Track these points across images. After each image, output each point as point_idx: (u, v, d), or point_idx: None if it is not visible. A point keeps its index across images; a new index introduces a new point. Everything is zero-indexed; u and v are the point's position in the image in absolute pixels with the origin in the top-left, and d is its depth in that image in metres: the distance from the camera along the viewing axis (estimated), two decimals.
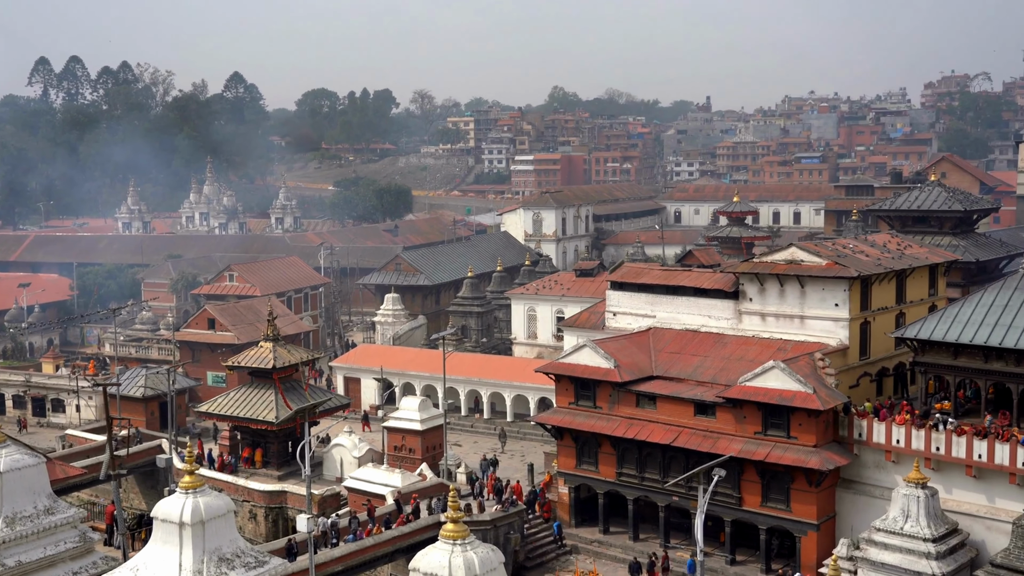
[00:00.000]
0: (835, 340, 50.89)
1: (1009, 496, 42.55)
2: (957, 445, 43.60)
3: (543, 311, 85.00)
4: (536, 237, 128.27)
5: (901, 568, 40.98)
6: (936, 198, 72.54)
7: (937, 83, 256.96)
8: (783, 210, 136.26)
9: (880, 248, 55.85)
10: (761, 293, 53.41)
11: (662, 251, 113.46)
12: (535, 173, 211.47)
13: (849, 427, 46.87)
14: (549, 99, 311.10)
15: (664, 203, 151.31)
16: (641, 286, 58.65)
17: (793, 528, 47.14)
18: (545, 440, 64.14)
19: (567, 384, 54.00)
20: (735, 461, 46.62)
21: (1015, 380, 44.10)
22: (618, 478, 52.41)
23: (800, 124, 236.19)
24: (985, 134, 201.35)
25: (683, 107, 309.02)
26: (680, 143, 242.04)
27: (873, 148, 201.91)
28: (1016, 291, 45.55)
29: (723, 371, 50.65)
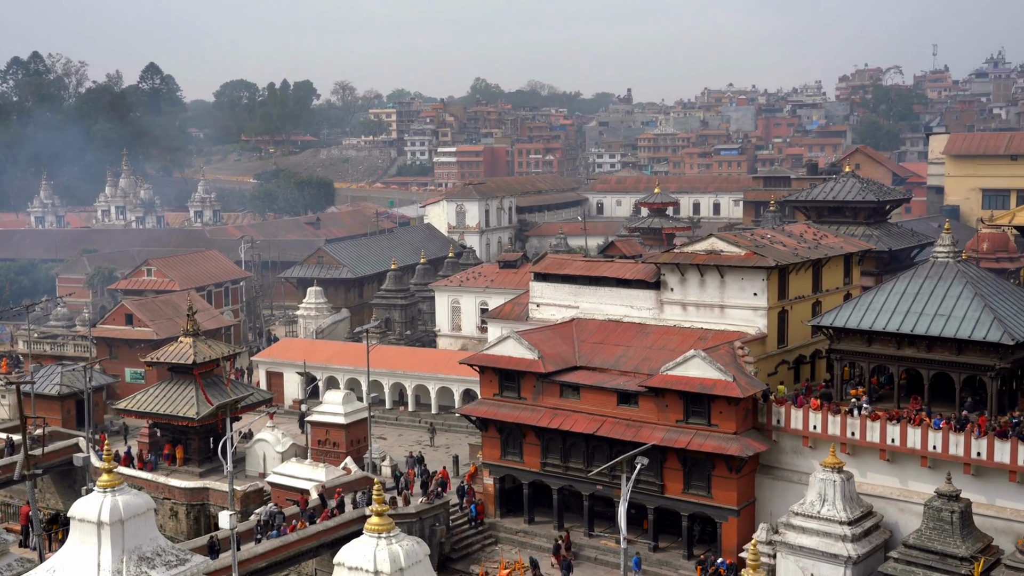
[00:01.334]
0: (754, 329, 51.81)
1: (921, 479, 43.79)
2: (871, 430, 44.74)
3: (467, 303, 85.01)
4: (459, 229, 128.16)
5: (818, 551, 41.96)
6: (850, 189, 74.22)
7: (851, 76, 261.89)
8: (703, 201, 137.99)
9: (797, 238, 56.94)
10: (682, 283, 54.12)
11: (585, 242, 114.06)
12: (458, 165, 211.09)
13: (768, 414, 47.79)
14: (471, 91, 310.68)
15: (586, 195, 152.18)
16: (564, 277, 59.01)
17: (714, 514, 47.94)
18: (470, 432, 64.27)
19: (491, 376, 54.15)
20: (657, 449, 47.23)
21: (926, 366, 45.37)
22: (543, 468, 52.76)
23: (719, 116, 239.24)
24: (897, 126, 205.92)
25: (605, 99, 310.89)
26: (602, 135, 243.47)
27: (790, 140, 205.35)
28: (927, 279, 46.81)
29: (645, 360, 51.24)
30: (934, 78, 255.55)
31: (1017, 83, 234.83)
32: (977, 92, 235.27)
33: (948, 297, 45.21)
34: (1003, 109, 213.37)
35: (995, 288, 46.80)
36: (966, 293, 44.93)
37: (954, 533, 40.14)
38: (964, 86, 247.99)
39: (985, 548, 40.31)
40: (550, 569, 48.96)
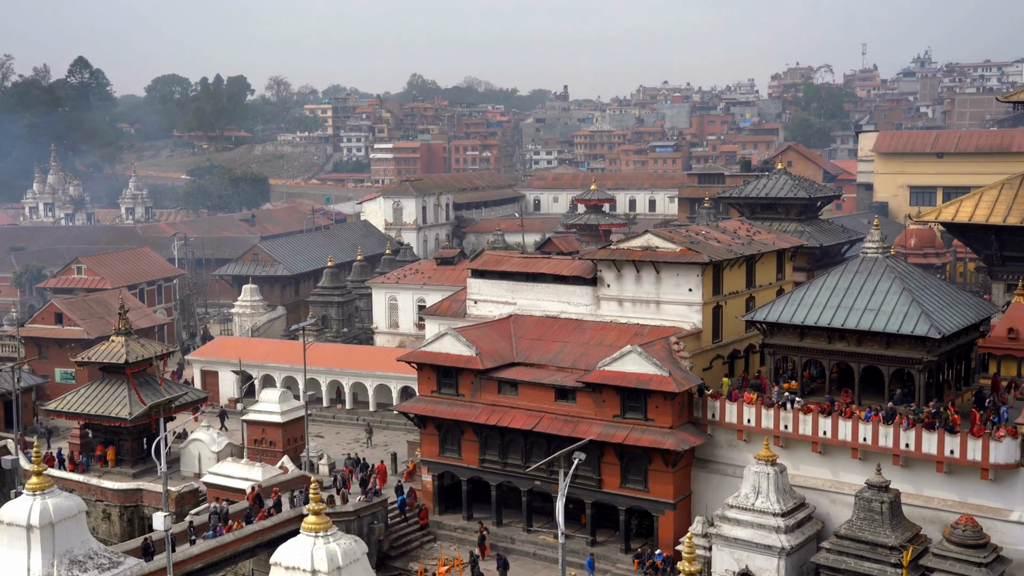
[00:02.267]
0: (689, 324, 52.38)
1: (852, 470, 44.64)
2: (804, 423, 45.50)
3: (404, 300, 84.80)
4: (397, 226, 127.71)
5: (753, 543, 42.60)
6: (783, 186, 75.37)
7: (783, 75, 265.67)
8: (639, 198, 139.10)
9: (731, 234, 57.68)
10: (618, 279, 54.53)
11: (522, 239, 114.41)
12: (395, 161, 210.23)
13: (703, 408, 48.37)
14: (408, 87, 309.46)
15: (523, 191, 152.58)
16: (502, 274, 59.14)
17: (651, 508, 48.42)
18: (408, 429, 64.12)
19: (429, 372, 54.11)
20: (595, 444, 47.56)
21: (856, 359, 46.25)
22: (481, 464, 52.84)
23: (654, 113, 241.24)
24: (828, 124, 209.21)
25: (541, 96, 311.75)
26: (538, 132, 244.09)
27: (724, 137, 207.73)
28: (857, 275, 47.71)
29: (582, 356, 51.57)
30: (863, 77, 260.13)
31: (943, 83, 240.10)
32: (905, 91, 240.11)
33: (877, 292, 46.13)
34: (930, 108, 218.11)
35: (922, 283, 47.88)
36: (895, 288, 45.89)
37: (884, 523, 41.02)
38: (892, 85, 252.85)
39: (914, 537, 41.27)
40: (486, 563, 49.04)
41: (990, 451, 40.97)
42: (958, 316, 45.90)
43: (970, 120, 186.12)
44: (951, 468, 42.32)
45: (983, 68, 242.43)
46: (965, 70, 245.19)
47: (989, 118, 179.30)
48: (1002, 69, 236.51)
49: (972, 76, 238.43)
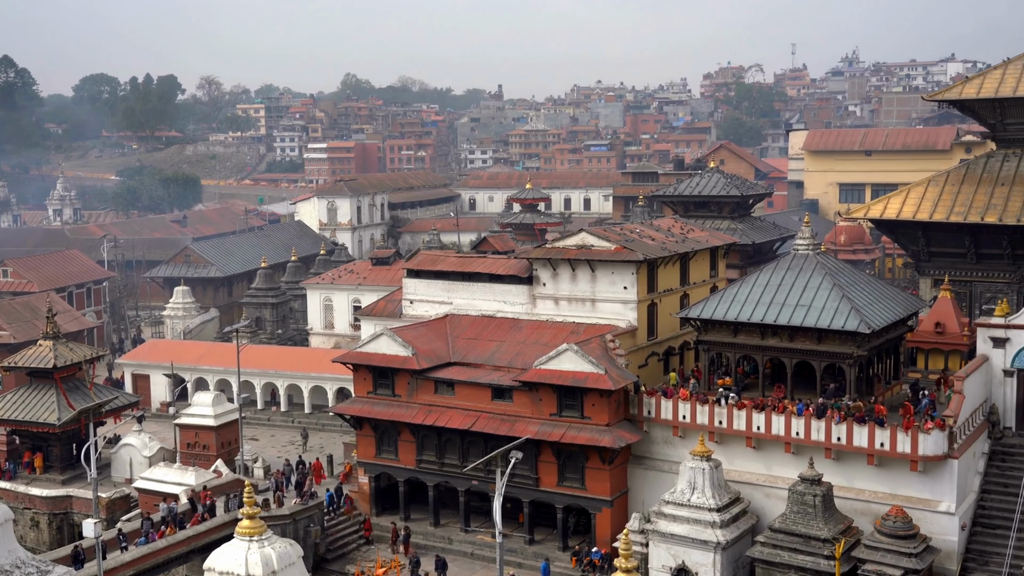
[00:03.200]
0: (624, 322, 52.68)
1: (785, 464, 45.22)
2: (738, 418, 46.00)
3: (339, 301, 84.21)
4: (331, 226, 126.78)
5: (689, 538, 42.95)
6: (715, 184, 76.19)
7: (715, 74, 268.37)
8: (574, 196, 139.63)
9: (665, 232, 58.13)
10: (554, 278, 54.66)
11: (457, 238, 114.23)
12: (329, 161, 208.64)
13: (639, 405, 48.67)
14: (342, 86, 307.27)
15: (459, 190, 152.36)
16: (437, 273, 58.97)
17: (588, 505, 48.60)
18: (344, 430, 63.69)
19: (365, 373, 53.76)
20: (532, 443, 47.64)
21: (789, 355, 46.88)
22: (418, 465, 52.63)
23: (588, 113, 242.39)
24: (759, 123, 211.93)
25: (476, 95, 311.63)
26: (473, 131, 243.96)
27: (657, 136, 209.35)
28: (788, 271, 48.36)
29: (519, 355, 51.60)
30: (793, 76, 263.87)
31: (871, 82, 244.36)
32: (834, 90, 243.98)
33: (808, 288, 46.80)
34: (858, 107, 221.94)
35: (852, 279, 48.70)
36: (825, 284, 46.59)
37: (817, 516, 41.62)
38: (821, 84, 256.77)
39: (846, 529, 41.94)
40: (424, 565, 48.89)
41: (919, 443, 41.77)
42: (887, 311, 46.76)
43: (897, 118, 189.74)
44: (882, 461, 43.08)
45: (909, 68, 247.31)
46: (892, 69, 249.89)
47: (915, 116, 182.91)
48: (927, 69, 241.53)
49: (898, 75, 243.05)
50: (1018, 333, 46.43)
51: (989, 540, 43.06)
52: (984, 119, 60.44)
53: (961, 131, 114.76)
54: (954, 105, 61.89)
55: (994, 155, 59.57)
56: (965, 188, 57.63)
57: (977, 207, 55.93)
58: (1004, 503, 44.19)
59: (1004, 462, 45.92)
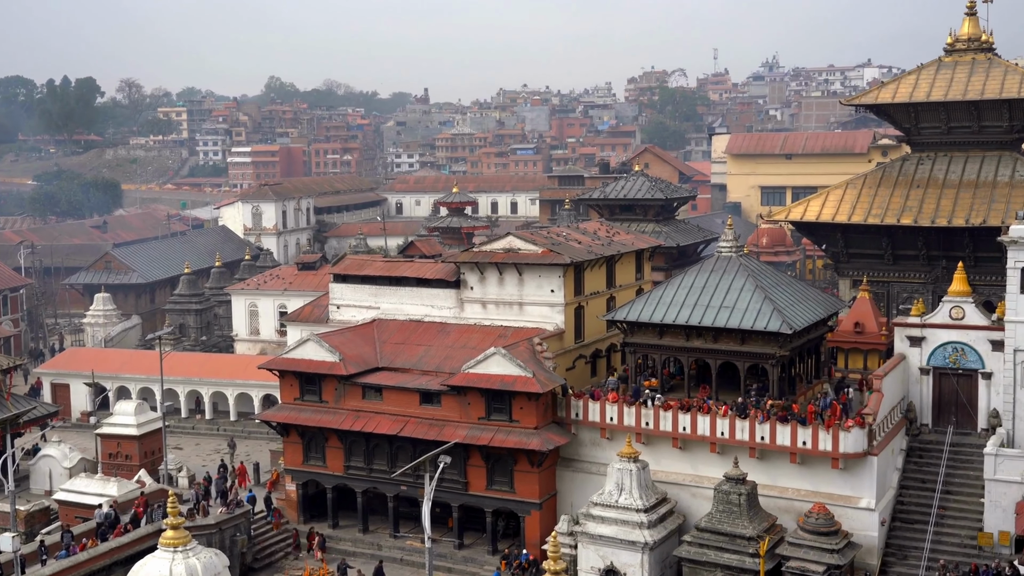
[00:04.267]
0: (552, 325, 52.94)
1: (710, 464, 45.84)
2: (664, 419, 46.51)
3: (265, 306, 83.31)
4: (256, 231, 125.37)
5: (617, 539, 43.30)
6: (640, 187, 76.97)
7: (639, 78, 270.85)
8: (501, 200, 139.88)
9: (591, 235, 58.56)
10: (481, 282, 54.74)
11: (384, 242, 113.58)
12: (253, 165, 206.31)
13: (567, 408, 48.94)
14: (266, 89, 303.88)
15: (385, 195, 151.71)
16: (364, 278, 58.69)
17: (517, 508, 48.74)
18: (271, 438, 63.07)
19: (292, 379, 53.28)
20: (461, 447, 47.65)
21: (713, 356, 47.54)
22: (346, 471, 52.31)
23: (515, 116, 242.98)
24: (682, 127, 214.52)
25: (402, 99, 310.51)
26: (400, 135, 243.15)
27: (583, 140, 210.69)
28: (712, 273, 49.04)
29: (447, 359, 51.56)
30: (715, 81, 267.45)
31: (790, 86, 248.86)
32: (755, 94, 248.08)
33: (732, 290, 47.50)
34: (778, 111, 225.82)
35: (774, 280, 49.57)
36: (748, 286, 47.33)
37: (742, 514, 42.27)
38: (743, 88, 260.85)
39: (770, 527, 42.66)
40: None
41: (840, 441, 42.66)
42: (808, 312, 47.67)
43: (816, 122, 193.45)
44: (804, 459, 43.89)
45: (827, 73, 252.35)
46: (811, 74, 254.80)
47: (834, 120, 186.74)
48: (845, 74, 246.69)
49: (817, 80, 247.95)
50: (933, 332, 47.71)
51: (908, 534, 44.17)
52: (899, 123, 61.99)
53: (878, 135, 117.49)
54: (871, 109, 63.41)
55: (909, 158, 61.11)
56: (882, 191, 59.03)
57: (893, 209, 57.32)
58: (922, 498, 45.36)
59: (921, 458, 47.15)
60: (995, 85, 57.04)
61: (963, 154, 58.90)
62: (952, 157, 59.06)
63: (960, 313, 47.20)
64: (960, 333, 47.20)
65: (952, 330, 47.36)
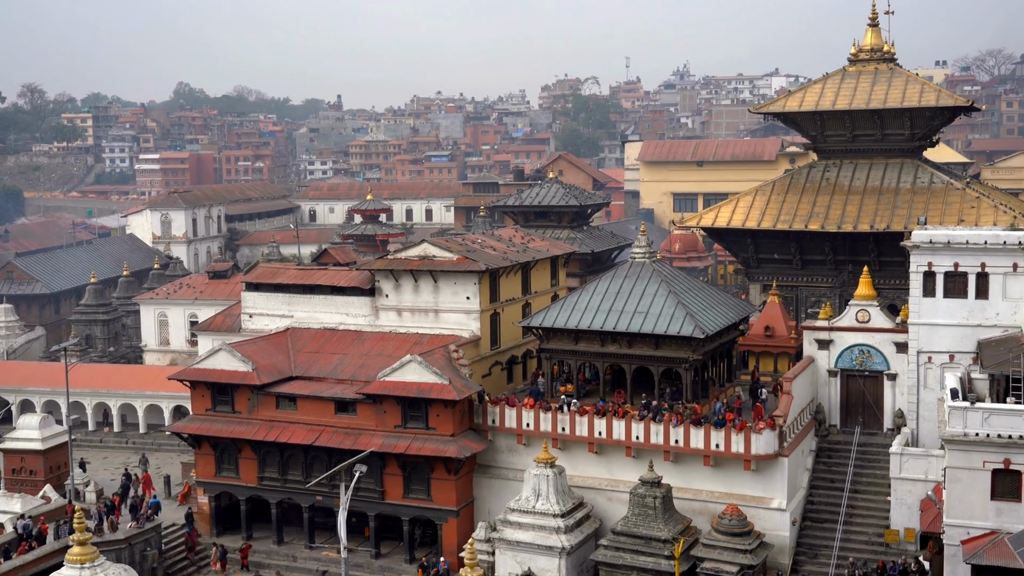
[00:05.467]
0: (468, 332, 52.91)
1: (626, 468, 46.24)
2: (580, 425, 46.79)
3: (175, 316, 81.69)
4: (165, 239, 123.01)
5: (534, 544, 43.41)
6: (555, 194, 77.39)
7: (552, 86, 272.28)
8: (415, 207, 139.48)
9: (506, 242, 58.71)
10: (397, 289, 54.47)
11: (298, 250, 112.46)
12: (162, 172, 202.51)
13: (483, 414, 48.94)
14: (175, 95, 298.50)
15: (298, 202, 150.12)
16: (277, 286, 57.99)
17: (434, 516, 48.55)
18: (182, 450, 61.93)
19: (203, 390, 52.36)
20: (377, 456, 47.34)
21: (628, 360, 47.99)
22: (260, 483, 51.55)
23: (429, 123, 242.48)
24: (596, 134, 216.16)
25: (315, 105, 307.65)
26: (313, 142, 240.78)
27: (497, 147, 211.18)
28: (626, 279, 49.53)
29: (362, 368, 51.19)
30: (628, 89, 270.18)
31: (701, 95, 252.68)
32: (666, 102, 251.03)
33: (646, 295, 48.03)
34: (689, 119, 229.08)
35: (687, 285, 50.26)
36: (661, 291, 47.91)
37: (657, 517, 42.71)
38: (654, 97, 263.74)
39: (685, 529, 43.18)
40: None
41: (752, 443, 43.38)
42: (720, 316, 48.43)
43: (726, 130, 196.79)
44: (717, 461, 44.55)
45: (737, 81, 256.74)
46: (720, 83, 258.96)
47: (743, 128, 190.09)
48: (753, 82, 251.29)
49: (727, 89, 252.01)
50: (841, 335, 48.85)
51: (818, 533, 45.10)
52: (806, 131, 63.39)
53: (786, 142, 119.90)
54: (778, 118, 64.77)
55: (816, 165, 62.51)
56: (790, 197, 60.27)
57: (801, 215, 58.55)
58: (831, 497, 46.37)
59: (830, 458, 48.20)
60: (897, 94, 58.69)
61: (867, 161, 60.46)
62: (857, 164, 60.58)
63: (866, 316, 48.39)
64: (866, 336, 48.41)
65: (858, 333, 48.53)
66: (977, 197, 56.14)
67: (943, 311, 45.03)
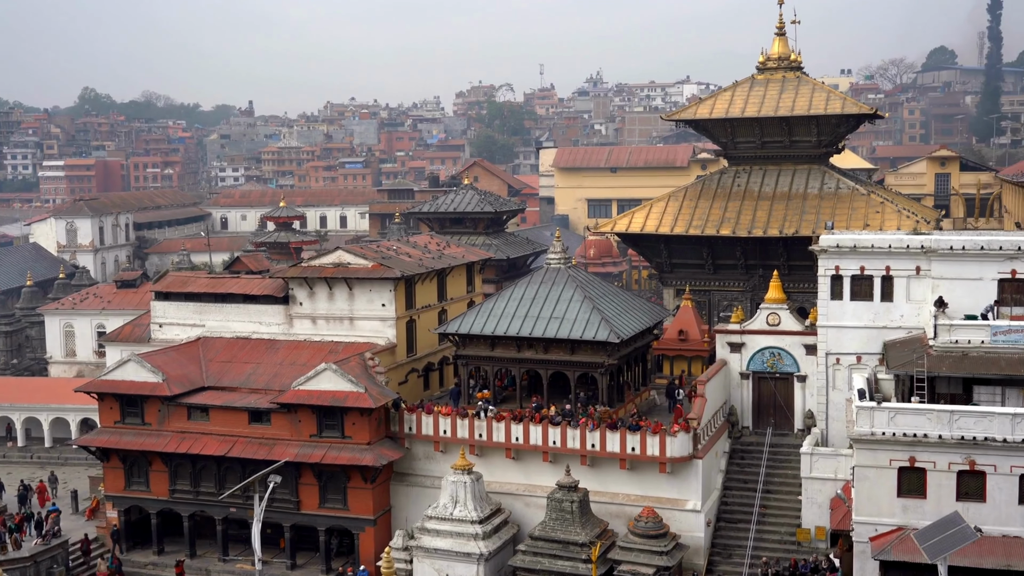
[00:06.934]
0: (384, 339, 52.59)
1: (543, 473, 46.40)
2: (497, 430, 46.83)
3: (82, 326, 79.73)
4: (71, 248, 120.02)
5: (452, 551, 43.30)
6: (470, 200, 77.44)
7: (467, 92, 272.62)
8: (330, 214, 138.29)
9: (422, 249, 58.54)
10: (311, 297, 53.92)
11: (209, 258, 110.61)
12: (67, 180, 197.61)
13: (400, 422, 48.69)
14: (80, 101, 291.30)
15: (210, 209, 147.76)
16: (188, 295, 57.02)
17: (351, 525, 48.13)
18: (90, 463, 60.48)
19: (112, 402, 51.19)
20: (292, 466, 46.76)
21: (544, 366, 48.22)
22: (172, 495, 50.55)
23: (343, 130, 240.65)
24: (511, 141, 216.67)
25: (225, 111, 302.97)
26: (224, 148, 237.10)
27: (412, 153, 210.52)
28: (542, 285, 49.77)
29: (276, 377, 50.56)
30: (542, 95, 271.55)
31: (614, 102, 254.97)
32: (580, 109, 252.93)
33: (561, 301, 48.31)
34: (603, 125, 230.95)
35: (602, 291, 50.68)
36: (577, 296, 48.23)
37: (574, 521, 42.92)
38: (568, 103, 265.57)
39: (602, 533, 43.47)
40: None
41: (667, 446, 43.87)
42: (634, 321, 48.92)
43: (639, 137, 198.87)
44: (633, 464, 44.95)
45: (649, 88, 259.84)
46: (633, 90, 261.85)
47: (656, 135, 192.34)
48: (665, 90, 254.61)
49: (639, 96, 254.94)
50: (752, 338, 49.67)
51: (732, 534, 45.76)
52: (717, 138, 64.42)
53: (697, 149, 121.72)
54: (690, 125, 65.61)
55: (727, 171, 63.54)
56: (702, 203, 61.14)
57: (713, 221, 59.45)
58: (744, 498, 47.09)
59: (743, 459, 48.97)
60: (804, 102, 59.97)
61: (776, 167, 61.63)
62: (766, 170, 61.71)
63: (776, 319, 49.31)
64: (776, 339, 49.31)
65: (769, 336, 49.41)
66: (882, 202, 57.62)
67: (850, 314, 46.08)
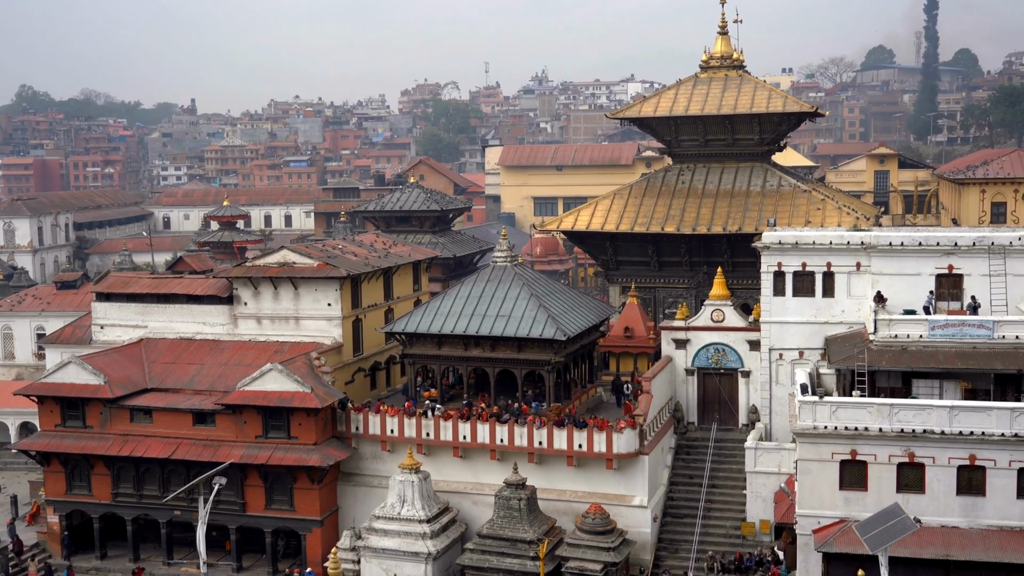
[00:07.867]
0: (330, 339, 52.31)
1: (491, 471, 46.46)
2: (444, 429, 46.81)
3: (21, 328, 78.21)
4: (9, 249, 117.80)
5: (400, 551, 43.24)
6: (416, 199, 77.27)
7: (412, 91, 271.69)
8: (274, 213, 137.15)
9: (368, 248, 58.30)
10: (256, 297, 53.47)
11: (151, 258, 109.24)
12: (4, 179, 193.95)
13: (347, 422, 48.48)
14: (17, 98, 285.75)
15: (152, 208, 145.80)
16: (130, 296, 56.30)
17: (298, 527, 47.83)
18: (30, 468, 59.44)
19: (52, 405, 50.38)
20: (237, 467, 46.39)
21: (491, 364, 48.29)
22: (114, 499, 49.89)
23: (287, 128, 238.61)
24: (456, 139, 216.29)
25: (167, 109, 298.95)
26: (166, 146, 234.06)
27: (357, 152, 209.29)
28: (488, 283, 49.82)
29: (221, 378, 50.09)
30: (487, 94, 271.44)
31: (560, 100, 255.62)
32: (526, 107, 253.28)
33: (508, 299, 48.40)
34: (549, 124, 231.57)
35: (548, 289, 50.85)
36: (523, 294, 48.35)
37: (522, 519, 43.05)
38: (514, 102, 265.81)
39: (550, 530, 43.65)
40: None
41: (613, 442, 44.15)
42: (581, 318, 49.15)
43: (584, 135, 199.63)
44: (580, 461, 45.18)
45: (594, 87, 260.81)
46: (578, 88, 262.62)
47: (601, 133, 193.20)
48: (610, 88, 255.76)
49: (585, 94, 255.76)
50: (697, 335, 50.16)
51: (678, 529, 46.19)
52: (661, 136, 64.87)
53: (642, 147, 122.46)
54: (634, 123, 65.97)
55: (671, 169, 64.02)
56: (647, 200, 61.54)
57: (658, 218, 59.86)
58: (690, 493, 47.56)
59: (689, 455, 49.44)
60: (746, 101, 60.60)
61: (720, 165, 62.21)
62: (710, 168, 62.27)
63: (720, 316, 49.83)
64: (721, 335, 49.84)
65: (713, 332, 49.94)
66: (822, 199, 58.41)
67: (793, 309, 46.72)
